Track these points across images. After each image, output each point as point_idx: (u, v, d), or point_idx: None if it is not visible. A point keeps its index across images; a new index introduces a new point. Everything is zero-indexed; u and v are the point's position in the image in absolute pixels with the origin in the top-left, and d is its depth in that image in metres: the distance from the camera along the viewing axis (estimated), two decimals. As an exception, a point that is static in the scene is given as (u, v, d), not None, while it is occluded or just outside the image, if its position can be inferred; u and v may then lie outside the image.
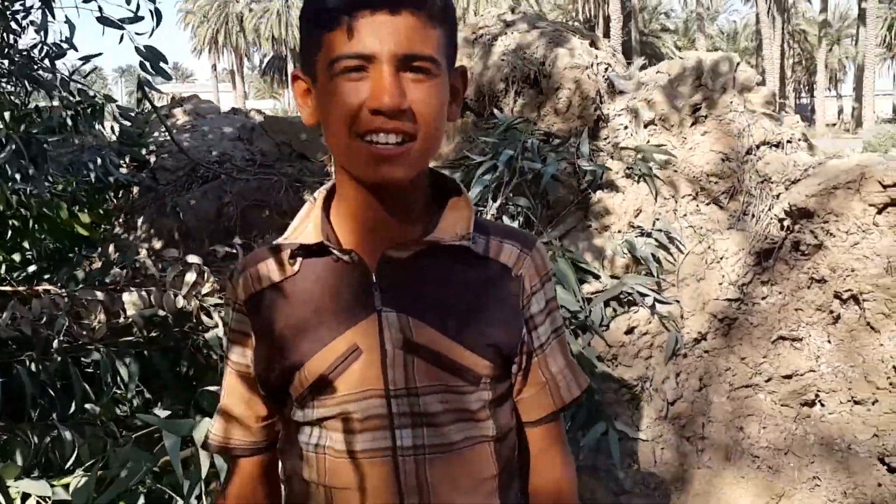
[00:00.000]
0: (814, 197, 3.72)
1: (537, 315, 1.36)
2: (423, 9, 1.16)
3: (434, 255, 1.28)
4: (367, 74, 1.15)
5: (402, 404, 1.25)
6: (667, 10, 70.14)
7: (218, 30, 63.79)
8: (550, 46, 4.73)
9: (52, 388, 3.92)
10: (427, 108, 1.17)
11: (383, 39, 1.13)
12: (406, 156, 1.17)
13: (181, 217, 5.88)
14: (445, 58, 1.21)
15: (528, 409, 1.40)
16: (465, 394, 1.28)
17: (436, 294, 1.28)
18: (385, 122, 1.14)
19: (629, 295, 3.91)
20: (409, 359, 1.25)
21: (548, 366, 1.39)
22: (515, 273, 1.33)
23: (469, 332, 1.27)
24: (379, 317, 1.25)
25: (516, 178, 4.16)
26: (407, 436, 1.26)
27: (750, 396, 3.79)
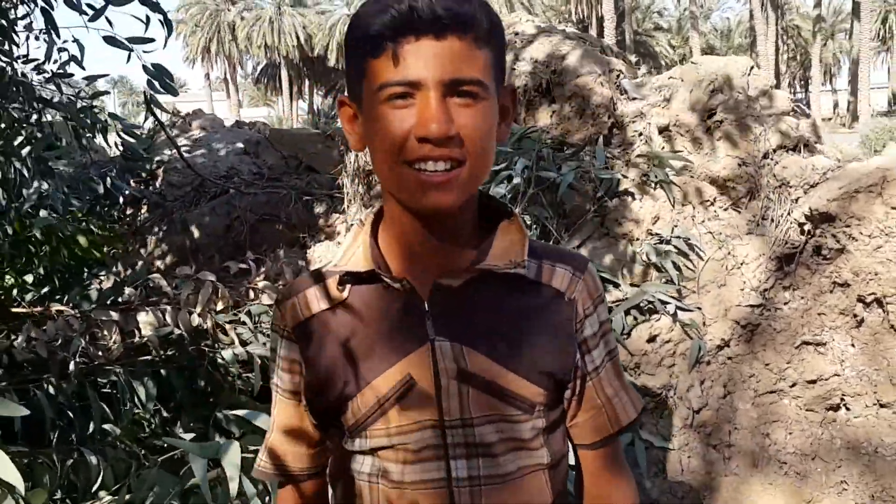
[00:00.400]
0: (835, 201, 3.71)
1: (591, 338, 1.34)
2: (469, 31, 1.13)
3: (486, 282, 1.26)
4: (413, 101, 1.13)
5: (457, 435, 1.24)
6: (660, 8, 70.28)
7: (210, 38, 63.77)
8: (561, 55, 4.72)
9: (70, 410, 3.91)
10: (475, 132, 1.15)
11: (429, 65, 1.11)
12: (455, 182, 1.15)
13: (190, 233, 5.86)
14: (494, 79, 1.19)
15: (584, 433, 1.38)
16: (519, 422, 1.26)
17: (488, 322, 1.26)
18: (433, 149, 1.12)
19: (650, 303, 3.89)
20: (464, 389, 1.23)
21: (603, 389, 1.37)
22: (569, 297, 1.31)
23: (522, 360, 1.25)
24: (432, 346, 1.23)
25: (532, 188, 4.14)
26: (462, 467, 1.24)
27: (775, 402, 3.78)
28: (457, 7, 1.12)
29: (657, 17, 68.77)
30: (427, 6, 1.10)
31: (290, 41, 61.22)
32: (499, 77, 1.21)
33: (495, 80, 1.19)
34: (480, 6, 1.16)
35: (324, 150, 6.47)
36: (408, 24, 1.11)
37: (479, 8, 1.15)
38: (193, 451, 2.92)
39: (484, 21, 1.15)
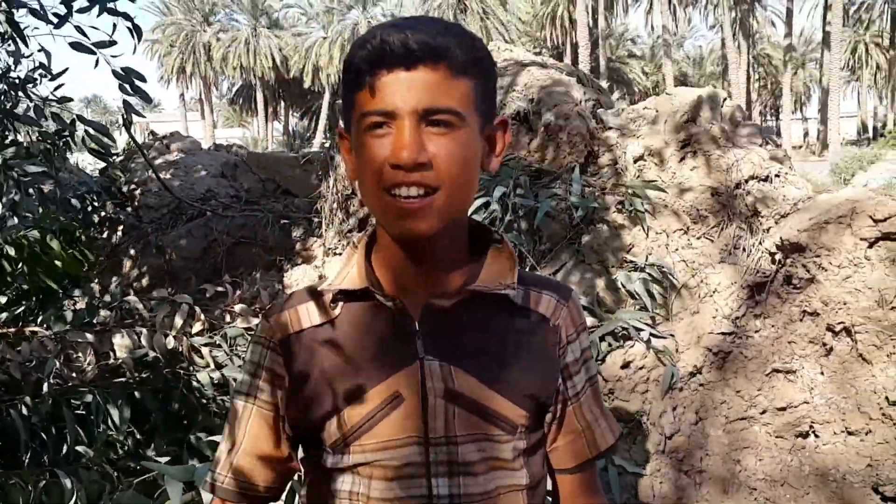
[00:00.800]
0: (805, 231, 3.79)
1: (573, 364, 1.38)
2: (442, 62, 1.17)
3: (475, 304, 1.29)
4: (390, 130, 1.17)
5: (441, 453, 1.26)
6: (633, 36, 71.09)
7: (185, 59, 63.62)
8: (540, 84, 4.79)
9: (43, 431, 3.89)
10: (448, 160, 1.18)
11: (402, 96, 1.16)
12: (429, 209, 1.18)
13: (167, 255, 5.86)
14: (476, 109, 1.22)
15: (563, 457, 1.41)
16: (501, 443, 1.29)
17: (476, 343, 1.29)
18: (405, 175, 1.16)
19: (624, 329, 3.95)
20: (450, 408, 1.26)
21: (583, 414, 1.40)
22: (553, 323, 1.35)
23: (508, 381, 1.29)
24: (422, 365, 1.26)
25: (509, 215, 4.20)
26: (444, 485, 1.26)
27: (746, 429, 3.83)
28: (430, 40, 1.16)
29: (631, 44, 69.56)
30: (399, 40, 1.15)
31: (265, 62, 61.22)
32: (485, 108, 1.25)
33: (478, 110, 1.23)
34: (460, 39, 1.20)
35: (301, 174, 6.50)
36: (382, 58, 1.16)
37: (458, 40, 1.19)
38: (170, 473, 2.93)
39: (460, 53, 1.19)
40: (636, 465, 3.80)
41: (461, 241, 1.32)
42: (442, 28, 1.20)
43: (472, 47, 1.21)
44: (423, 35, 1.16)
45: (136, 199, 6.53)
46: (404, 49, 1.15)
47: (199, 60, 63.39)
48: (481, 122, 1.24)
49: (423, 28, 1.17)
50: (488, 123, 1.27)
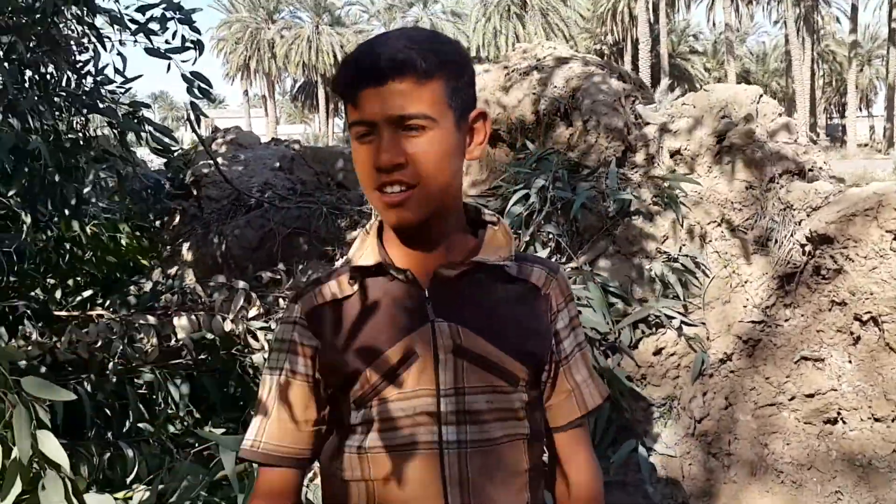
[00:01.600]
0: (833, 224, 3.90)
1: (563, 330, 1.57)
2: (409, 73, 1.35)
3: (477, 274, 1.48)
4: (374, 137, 1.38)
5: (451, 403, 1.43)
6: (695, 32, 70.23)
7: (250, 56, 64.56)
8: (580, 81, 4.95)
9: (108, 408, 4.11)
10: (423, 157, 1.37)
11: (378, 107, 1.36)
12: (409, 201, 1.38)
13: (226, 244, 6.12)
14: (449, 108, 1.40)
15: (556, 415, 1.59)
16: (507, 393, 1.47)
17: (480, 307, 1.48)
18: (387, 176, 1.37)
19: (657, 317, 4.09)
20: (459, 362, 1.44)
21: (573, 375, 1.58)
22: (544, 292, 1.54)
23: (509, 339, 1.47)
24: (433, 326, 1.45)
25: (547, 207, 4.37)
26: (452, 432, 1.43)
27: (774, 414, 3.96)
28: (395, 55, 1.35)
29: (693, 40, 68.71)
30: (370, 60, 1.36)
31: (327, 59, 61.86)
32: (458, 103, 1.43)
33: (452, 107, 1.41)
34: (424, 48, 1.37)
35: (353, 168, 6.72)
36: (358, 78, 1.37)
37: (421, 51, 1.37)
38: (224, 443, 3.14)
39: (424, 62, 1.36)
40: (666, 447, 3.95)
41: (457, 222, 1.52)
42: (409, 42, 1.37)
43: (437, 52, 1.39)
44: (389, 52, 1.35)
45: (198, 191, 6.81)
46: (374, 66, 1.35)
47: (262, 57, 64.28)
48: (456, 116, 1.42)
49: (391, 45, 1.37)
50: (465, 116, 1.45)
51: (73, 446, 3.59)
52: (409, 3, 62.98)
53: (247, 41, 64.26)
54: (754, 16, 75.00)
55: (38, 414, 2.19)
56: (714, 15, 63.00)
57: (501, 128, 5.20)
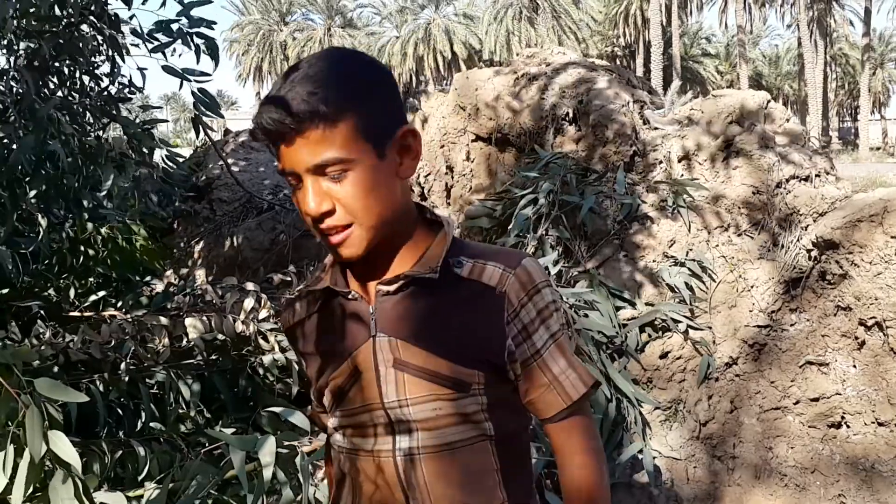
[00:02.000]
0: (839, 229, 3.93)
1: (529, 325, 1.49)
2: (313, 122, 1.34)
3: (419, 285, 1.47)
4: (302, 185, 1.38)
5: (398, 413, 1.47)
6: (708, 34, 70.09)
7: (262, 58, 64.76)
8: (588, 86, 4.99)
9: (119, 407, 4.17)
10: (350, 200, 1.37)
11: (294, 160, 1.36)
12: (349, 238, 1.40)
13: (237, 246, 6.18)
14: (364, 140, 1.38)
15: (540, 408, 1.54)
16: (454, 400, 1.46)
17: (422, 318, 1.47)
18: (319, 222, 1.39)
19: (663, 321, 4.13)
20: (400, 375, 1.46)
21: (549, 368, 1.51)
22: (499, 290, 1.47)
23: (452, 346, 1.45)
24: (374, 341, 1.48)
25: (555, 211, 4.41)
26: (404, 440, 1.48)
27: (779, 418, 3.99)
28: (297, 107, 1.34)
29: (705, 42, 68.59)
30: (273, 120, 1.34)
31: (339, 61, 61.82)
32: (376, 132, 1.40)
33: (369, 139, 1.38)
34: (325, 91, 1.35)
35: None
36: (268, 135, 1.36)
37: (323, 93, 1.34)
38: (233, 442, 3.18)
39: (327, 106, 1.34)
40: (672, 450, 3.99)
41: (401, 238, 1.49)
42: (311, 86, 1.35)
43: (340, 90, 1.37)
44: (291, 106, 1.33)
45: (210, 193, 6.88)
46: (279, 126, 1.34)
47: (275, 59, 64.44)
48: (375, 146, 1.40)
49: (292, 95, 1.34)
50: (387, 142, 1.42)
51: (86, 445, 3.63)
52: (420, 5, 63.06)
53: (259, 43, 64.46)
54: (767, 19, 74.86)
55: (51, 414, 2.23)
56: (726, 17, 62.81)
57: (510, 132, 5.25)
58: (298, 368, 4.38)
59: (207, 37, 4.46)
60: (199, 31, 4.41)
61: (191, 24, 4.37)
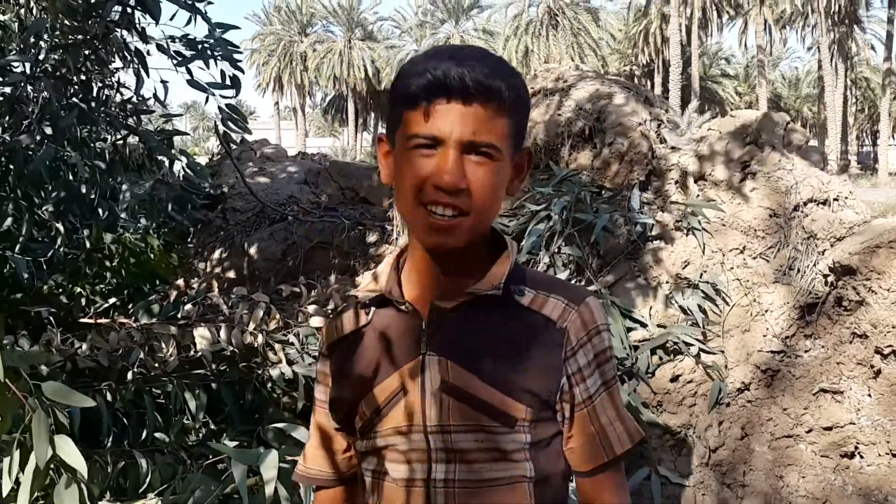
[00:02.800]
0: (857, 255, 3.86)
1: (585, 367, 1.42)
2: (492, 102, 1.30)
3: (479, 306, 1.41)
4: (435, 153, 1.31)
5: (438, 440, 1.39)
6: (727, 55, 69.99)
7: (282, 68, 65.06)
8: (605, 103, 4.95)
9: (125, 416, 4.14)
10: (483, 188, 1.32)
11: (453, 126, 1.29)
12: (458, 228, 1.33)
13: (249, 256, 6.16)
14: (511, 143, 1.36)
15: (579, 459, 1.45)
16: (499, 434, 1.38)
17: (477, 341, 1.41)
18: (444, 196, 1.30)
19: (675, 344, 4.07)
20: (445, 399, 1.39)
21: (598, 417, 1.44)
22: (560, 325, 1.41)
23: (504, 376, 1.38)
24: (423, 360, 1.40)
25: (569, 228, 4.36)
26: (441, 470, 1.39)
27: (791, 446, 3.92)
28: (485, 80, 1.29)
29: (724, 63, 68.48)
30: (458, 76, 1.28)
31: (358, 74, 62.20)
32: (516, 142, 1.38)
33: (512, 144, 1.36)
34: (508, 81, 1.33)
35: (379, 183, 6.75)
36: (440, 89, 1.29)
37: (506, 83, 1.32)
38: (235, 456, 3.16)
39: (508, 95, 1.32)
40: (680, 476, 3.92)
41: (479, 250, 1.44)
42: (493, 67, 1.32)
43: (516, 87, 1.35)
44: (478, 74, 1.29)
45: (224, 203, 6.87)
46: (461, 84, 1.29)
47: (294, 70, 64.73)
48: (512, 152, 1.38)
49: (477, 66, 1.30)
50: (517, 153, 1.41)
51: (89, 454, 3.61)
52: (441, 19, 63.30)
53: (280, 54, 64.79)
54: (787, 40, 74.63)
55: (58, 418, 2.21)
56: (746, 38, 62.78)
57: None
58: (305, 382, 4.35)
59: (234, 61, 4.46)
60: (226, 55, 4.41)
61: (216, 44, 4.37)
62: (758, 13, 51.16)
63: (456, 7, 62.05)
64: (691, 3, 49.76)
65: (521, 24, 53.80)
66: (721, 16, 54.93)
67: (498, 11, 58.94)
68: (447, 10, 62.59)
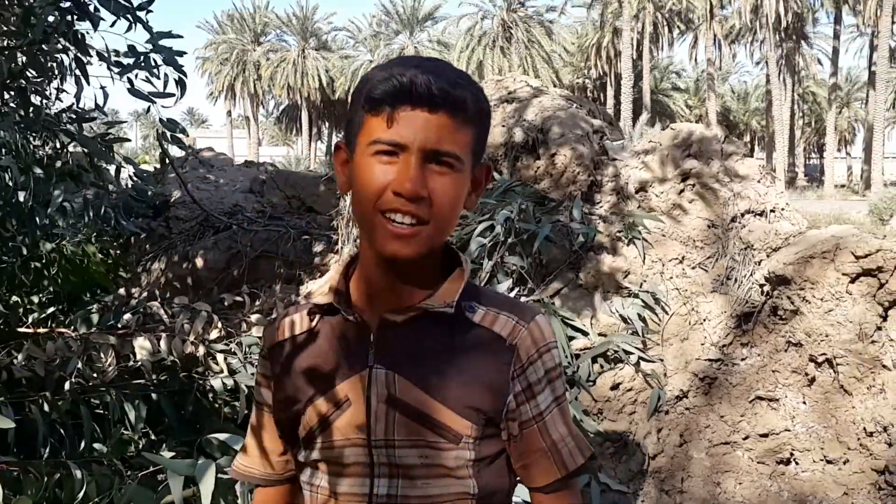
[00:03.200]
0: (791, 265, 3.93)
1: (535, 384, 1.42)
2: (458, 113, 1.30)
3: (429, 321, 1.39)
4: (397, 160, 1.30)
5: (381, 455, 1.38)
6: (678, 69, 70.97)
7: (235, 77, 64.68)
8: (550, 115, 4.99)
9: (62, 427, 4.07)
10: (443, 198, 1.31)
11: (416, 133, 1.29)
12: (416, 237, 1.31)
13: (192, 265, 6.10)
14: (472, 154, 1.36)
15: (532, 475, 1.46)
16: (443, 450, 1.37)
17: (424, 356, 1.39)
18: (404, 204, 1.29)
19: (616, 352, 4.10)
20: (391, 413, 1.37)
21: (549, 433, 1.44)
22: (509, 342, 1.40)
23: (451, 392, 1.37)
24: (370, 372, 1.39)
25: (512, 238, 4.38)
26: (383, 485, 1.38)
27: (728, 453, 3.97)
28: (451, 90, 1.29)
29: (675, 77, 69.45)
30: (425, 84, 1.28)
31: (312, 83, 62.08)
32: (478, 153, 1.39)
33: (473, 156, 1.37)
34: (473, 93, 1.33)
35: (325, 193, 6.74)
36: (406, 95, 1.28)
37: (471, 94, 1.33)
38: (171, 467, 3.12)
39: (472, 106, 1.33)
40: (620, 483, 3.94)
41: (432, 263, 1.43)
42: (458, 78, 1.33)
43: (480, 99, 1.36)
44: (444, 83, 1.29)
45: (167, 211, 6.79)
46: (428, 92, 1.28)
47: (247, 79, 64.40)
48: (472, 165, 1.38)
49: (444, 75, 1.31)
50: (477, 166, 1.41)
51: (24, 465, 3.55)
52: (395, 30, 63.39)
53: (233, 62, 64.40)
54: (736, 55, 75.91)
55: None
56: (696, 53, 63.73)
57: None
58: (248, 392, 4.32)
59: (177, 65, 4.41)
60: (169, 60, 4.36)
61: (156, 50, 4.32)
62: (707, 28, 51.99)
63: (410, 18, 62.22)
64: (642, 18, 50.43)
65: (474, 35, 54.09)
66: (672, 30, 55.86)
67: (452, 24, 59.24)
68: (401, 21, 62.74)
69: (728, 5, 53.03)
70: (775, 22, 49.35)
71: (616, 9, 50.84)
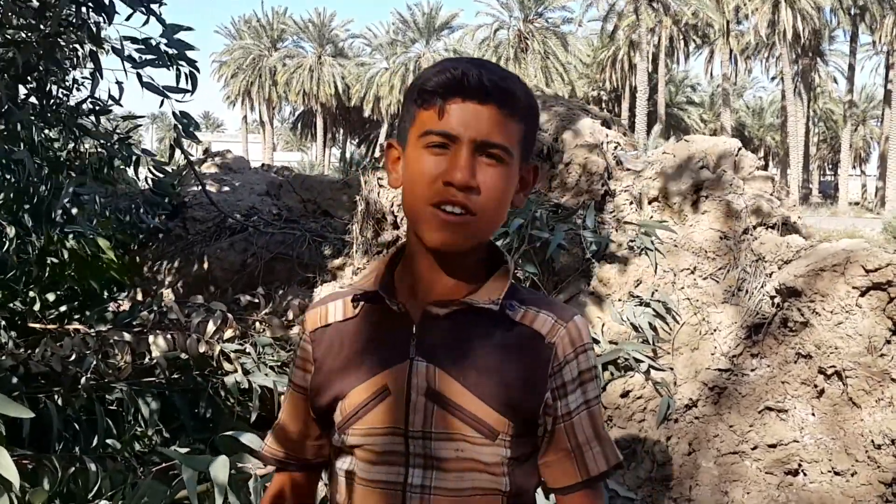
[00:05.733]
0: (802, 277, 3.96)
1: (569, 383, 1.43)
2: (507, 105, 1.35)
3: (472, 316, 1.42)
4: (448, 151, 1.34)
5: (418, 446, 1.40)
6: (693, 83, 70.89)
7: (251, 82, 64.96)
8: (563, 124, 5.04)
9: (76, 422, 4.12)
10: (492, 189, 1.35)
11: (467, 124, 1.33)
12: (465, 226, 1.35)
13: (208, 266, 6.16)
14: (521, 149, 1.40)
15: (554, 475, 1.47)
16: (479, 445, 1.39)
17: (466, 350, 1.41)
18: (454, 194, 1.33)
19: (626, 360, 4.14)
20: (430, 405, 1.40)
21: (575, 434, 1.44)
22: (548, 341, 1.42)
23: (490, 388, 1.39)
24: (411, 364, 1.41)
25: (525, 246, 4.42)
26: (417, 475, 1.40)
27: (736, 463, 3.99)
28: (501, 83, 1.34)
29: (690, 91, 69.41)
30: (476, 77, 1.33)
31: (328, 90, 62.32)
32: (525, 151, 1.42)
33: (521, 152, 1.40)
34: (523, 88, 1.39)
35: (340, 197, 6.80)
36: (457, 87, 1.33)
37: (521, 89, 1.38)
38: (185, 462, 3.15)
39: (522, 100, 1.38)
40: (628, 490, 3.98)
41: (476, 259, 1.46)
42: (507, 73, 1.38)
43: (528, 95, 1.41)
44: (495, 76, 1.34)
45: (185, 212, 6.86)
46: (479, 83, 1.33)
47: (263, 84, 64.67)
48: (520, 161, 1.41)
49: (494, 70, 1.36)
50: (525, 164, 1.44)
51: (38, 459, 3.59)
52: (412, 39, 63.59)
53: (249, 67, 64.69)
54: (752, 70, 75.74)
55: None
56: (712, 67, 63.68)
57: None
58: (261, 392, 4.36)
59: (189, 60, 4.47)
60: (181, 54, 4.43)
61: (170, 44, 4.38)
62: (724, 43, 51.95)
63: (427, 27, 62.39)
64: (658, 32, 50.41)
65: (490, 46, 54.20)
66: (688, 45, 55.77)
67: (469, 34, 59.37)
68: (418, 29, 62.93)
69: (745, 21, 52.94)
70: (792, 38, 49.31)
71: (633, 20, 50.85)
